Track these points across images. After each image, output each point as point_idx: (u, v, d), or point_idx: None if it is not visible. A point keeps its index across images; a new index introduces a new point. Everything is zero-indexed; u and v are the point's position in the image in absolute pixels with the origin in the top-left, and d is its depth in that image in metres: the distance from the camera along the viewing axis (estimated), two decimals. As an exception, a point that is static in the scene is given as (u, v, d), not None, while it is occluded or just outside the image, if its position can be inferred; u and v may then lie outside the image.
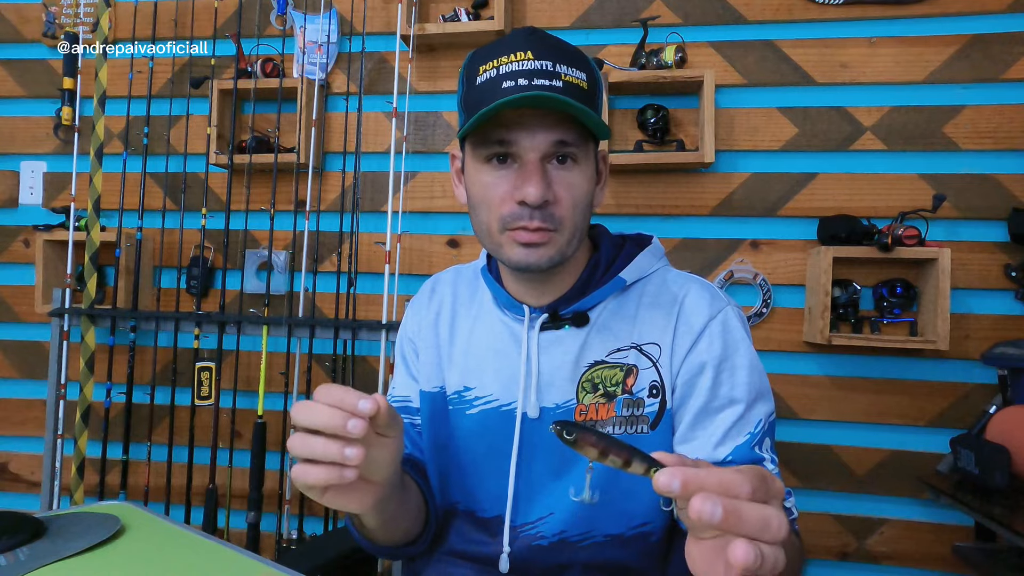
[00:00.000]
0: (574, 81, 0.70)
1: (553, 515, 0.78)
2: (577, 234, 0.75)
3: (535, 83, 0.69)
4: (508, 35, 0.75)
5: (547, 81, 0.69)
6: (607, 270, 0.82)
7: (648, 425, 0.77)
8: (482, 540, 0.83)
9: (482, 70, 0.72)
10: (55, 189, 2.10)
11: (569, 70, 0.71)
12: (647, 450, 0.45)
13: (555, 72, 0.70)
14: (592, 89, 0.73)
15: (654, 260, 0.84)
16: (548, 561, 0.79)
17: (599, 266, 0.82)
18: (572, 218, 0.74)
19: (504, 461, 0.80)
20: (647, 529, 0.79)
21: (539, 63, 0.70)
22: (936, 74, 1.72)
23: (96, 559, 0.67)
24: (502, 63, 0.71)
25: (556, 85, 0.69)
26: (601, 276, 0.81)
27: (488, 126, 0.72)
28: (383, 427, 0.57)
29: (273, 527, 1.91)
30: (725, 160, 1.80)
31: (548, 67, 0.70)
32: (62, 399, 1.88)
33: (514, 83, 0.69)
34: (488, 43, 0.76)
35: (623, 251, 0.84)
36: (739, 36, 1.80)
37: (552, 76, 0.69)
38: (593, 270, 0.81)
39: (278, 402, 1.83)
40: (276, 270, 1.92)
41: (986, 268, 1.69)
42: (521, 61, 0.70)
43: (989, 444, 1.39)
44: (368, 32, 1.91)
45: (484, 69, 0.72)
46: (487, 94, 0.70)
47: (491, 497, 0.82)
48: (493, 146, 0.72)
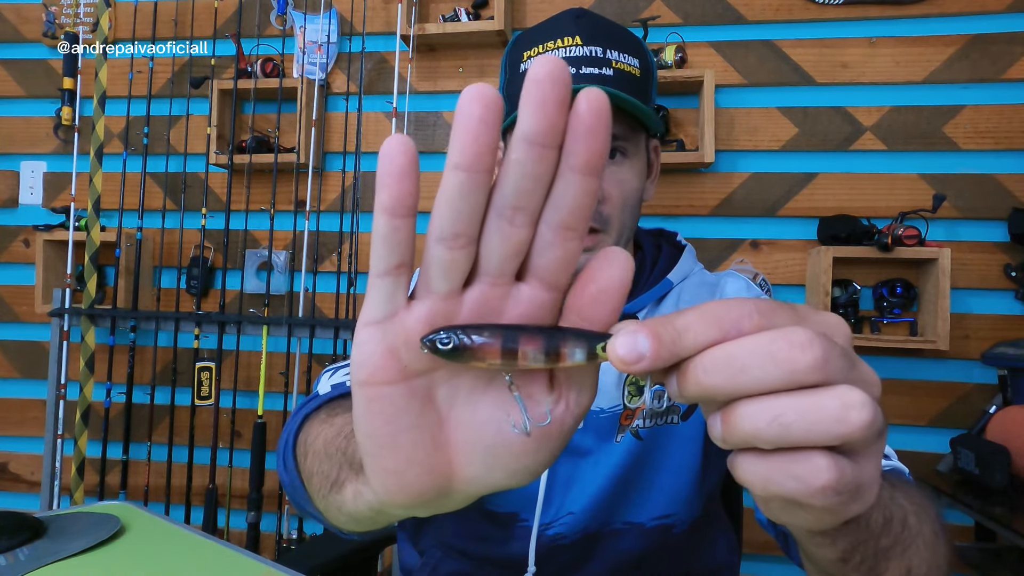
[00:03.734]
0: (626, 69, 0.66)
1: (572, 515, 0.75)
2: (625, 233, 0.72)
3: (583, 72, 0.65)
4: (555, 17, 0.70)
5: (596, 70, 0.65)
6: (651, 271, 0.79)
7: (679, 416, 0.74)
8: (493, 537, 0.77)
9: (526, 56, 0.69)
10: (55, 189, 2.10)
11: (621, 56, 0.66)
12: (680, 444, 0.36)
13: (605, 59, 0.65)
14: (645, 76, 0.69)
15: (694, 262, 0.83)
16: (568, 557, 0.75)
17: (645, 267, 0.79)
18: (620, 216, 0.70)
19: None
20: (669, 521, 0.75)
21: (588, 49, 0.65)
22: (936, 74, 1.72)
23: (96, 559, 0.67)
24: (548, 49, 0.67)
25: (606, 74, 0.65)
26: (647, 278, 0.78)
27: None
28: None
29: (273, 527, 1.91)
30: (725, 160, 1.80)
31: (598, 54, 0.65)
32: (62, 399, 1.88)
33: None
34: (534, 25, 0.71)
35: (662, 252, 0.81)
36: (739, 36, 1.80)
37: (602, 64, 0.65)
38: (639, 272, 0.78)
39: (278, 402, 1.83)
40: (276, 270, 1.92)
41: (986, 268, 1.69)
42: (569, 47, 0.66)
43: (989, 444, 1.39)
44: (368, 32, 1.91)
45: (528, 56, 0.68)
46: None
47: (509, 491, 0.74)
48: None
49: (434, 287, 0.27)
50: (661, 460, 0.75)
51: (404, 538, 0.87)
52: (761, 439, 0.25)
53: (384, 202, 0.26)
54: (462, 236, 0.26)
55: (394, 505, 0.30)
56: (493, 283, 0.28)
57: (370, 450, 0.29)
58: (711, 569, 0.80)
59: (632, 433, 0.75)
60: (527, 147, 0.24)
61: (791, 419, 0.24)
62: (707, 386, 0.25)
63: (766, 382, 0.24)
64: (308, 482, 0.49)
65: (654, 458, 0.75)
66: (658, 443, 0.75)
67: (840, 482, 0.25)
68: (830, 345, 0.25)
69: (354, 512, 0.38)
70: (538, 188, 0.26)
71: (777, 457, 0.25)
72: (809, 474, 0.25)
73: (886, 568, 0.39)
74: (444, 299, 0.28)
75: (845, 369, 0.25)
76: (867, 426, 0.24)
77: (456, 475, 0.30)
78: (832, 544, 0.36)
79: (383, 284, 0.28)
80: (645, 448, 0.74)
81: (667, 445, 0.75)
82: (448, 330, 0.27)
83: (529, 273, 0.28)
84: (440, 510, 0.32)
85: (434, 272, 0.27)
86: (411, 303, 0.28)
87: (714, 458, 0.78)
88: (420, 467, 0.29)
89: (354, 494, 0.37)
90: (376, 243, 0.27)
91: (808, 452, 0.25)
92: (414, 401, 0.29)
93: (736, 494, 0.98)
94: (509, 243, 0.26)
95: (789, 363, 0.24)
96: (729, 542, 0.83)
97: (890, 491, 0.40)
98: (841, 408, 0.24)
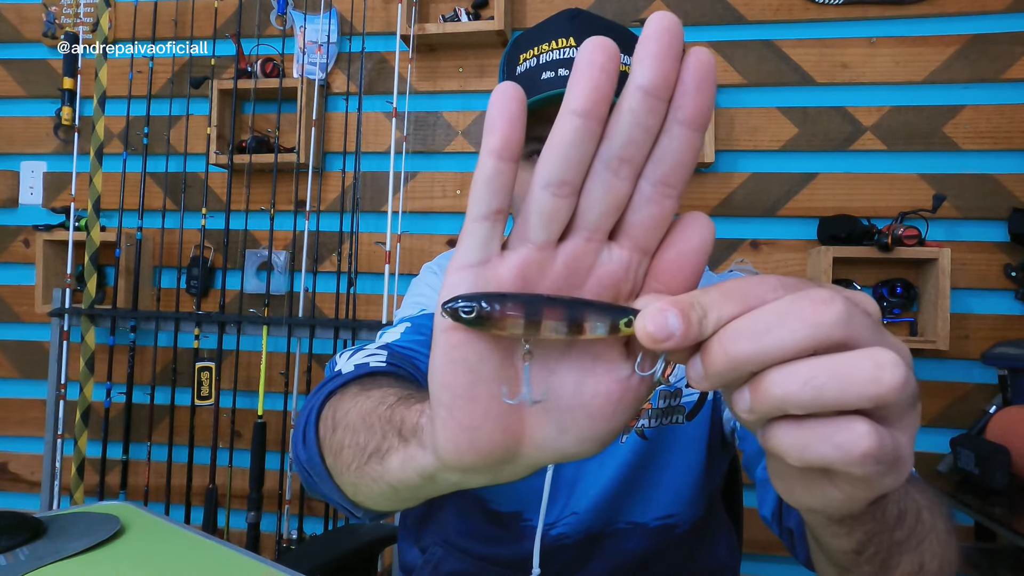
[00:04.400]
0: (622, 69, 0.65)
1: (576, 515, 0.75)
2: None
3: None
4: (551, 18, 0.69)
5: None
6: None
7: (684, 416, 0.74)
8: (495, 536, 0.76)
9: (522, 59, 0.68)
10: (55, 189, 2.10)
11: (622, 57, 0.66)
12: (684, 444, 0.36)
13: None
14: None
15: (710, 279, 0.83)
16: (571, 557, 0.75)
17: None
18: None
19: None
20: (672, 521, 0.75)
21: None
22: (936, 74, 1.72)
23: (96, 559, 0.67)
24: (543, 51, 0.66)
25: None
26: None
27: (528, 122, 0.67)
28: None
29: (273, 527, 1.91)
30: (725, 160, 1.80)
31: None
32: (62, 399, 1.88)
33: (554, 74, 0.65)
34: (532, 27, 0.70)
35: None
36: (739, 36, 1.80)
37: None
38: None
39: (278, 402, 1.83)
40: (276, 270, 1.92)
41: (986, 268, 1.69)
42: (563, 49, 0.66)
43: (989, 444, 1.39)
44: (368, 32, 1.91)
45: (524, 58, 0.68)
46: (526, 86, 0.66)
47: (511, 490, 0.75)
48: (532, 143, 0.67)
49: (532, 235, 0.28)
50: (666, 460, 0.75)
51: (405, 536, 0.87)
52: (793, 403, 0.24)
53: (493, 144, 0.26)
54: (568, 184, 0.26)
55: (457, 466, 0.30)
56: (589, 238, 0.28)
57: (446, 401, 0.29)
58: (712, 569, 0.80)
59: (637, 433, 0.75)
60: (642, 97, 0.25)
61: (823, 380, 0.24)
62: (734, 355, 0.25)
63: (792, 341, 0.24)
64: (335, 457, 0.47)
65: (659, 458, 0.75)
66: (663, 443, 0.75)
67: (881, 450, 0.24)
68: (852, 304, 0.25)
69: (400, 480, 0.37)
70: (646, 140, 0.26)
71: (815, 423, 0.25)
72: (850, 441, 0.24)
73: (899, 561, 0.39)
74: (539, 249, 0.28)
75: (871, 330, 0.25)
76: (901, 387, 0.24)
77: (526, 437, 0.30)
78: (848, 535, 0.36)
79: (480, 228, 0.28)
80: (650, 448, 0.74)
81: (672, 445, 0.75)
82: (470, 298, 0.27)
83: (622, 233, 0.28)
84: (498, 479, 0.31)
85: (534, 220, 0.27)
86: (504, 252, 0.29)
87: (717, 458, 0.78)
88: (494, 423, 0.29)
89: (402, 461, 0.36)
90: (478, 186, 0.27)
91: (848, 418, 0.24)
92: (495, 353, 0.29)
93: (737, 495, 0.98)
94: (611, 195, 0.27)
95: (813, 317, 0.24)
96: (730, 543, 0.83)
97: (904, 485, 0.40)
98: (874, 368, 0.24)
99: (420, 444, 0.34)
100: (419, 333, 0.70)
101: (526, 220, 0.28)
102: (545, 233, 0.27)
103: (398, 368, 0.60)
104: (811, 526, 0.39)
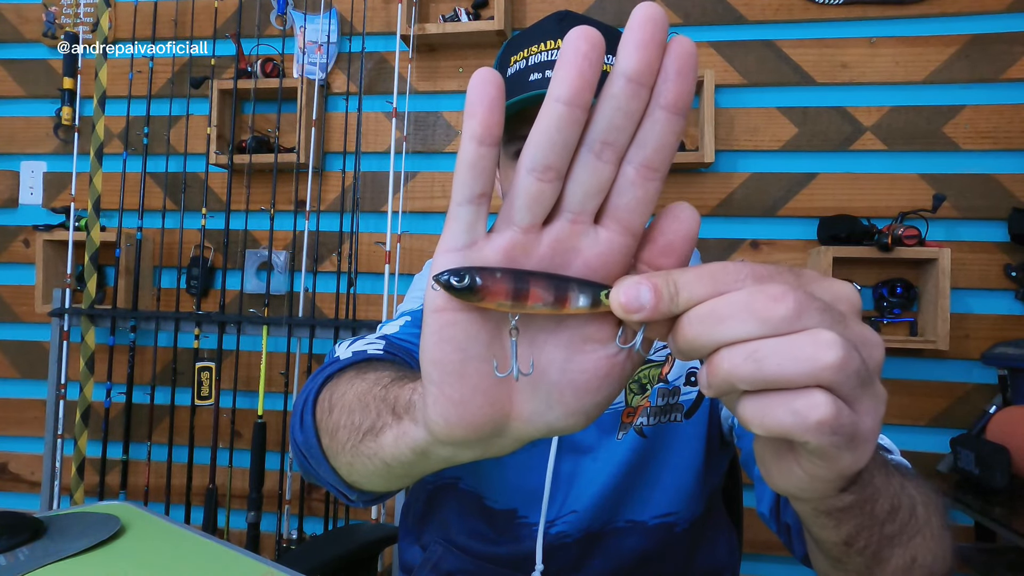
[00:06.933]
0: (604, 68, 0.65)
1: (575, 513, 0.74)
2: None
3: None
4: (541, 21, 0.70)
5: None
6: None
7: (682, 414, 0.74)
8: (492, 534, 0.76)
9: (513, 60, 0.69)
10: (55, 189, 2.10)
11: (606, 58, 0.65)
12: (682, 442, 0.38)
13: None
14: None
15: (697, 261, 0.82)
16: (571, 555, 0.75)
17: None
18: None
19: (528, 455, 0.74)
20: (671, 520, 0.75)
21: None
22: (936, 74, 1.72)
23: (96, 559, 0.67)
24: (532, 53, 0.67)
25: None
26: None
27: (515, 121, 0.68)
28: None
29: (273, 527, 1.91)
30: (725, 160, 1.80)
31: None
32: (62, 399, 1.88)
33: (541, 75, 0.65)
34: (526, 29, 0.71)
35: None
36: (739, 36, 1.80)
37: None
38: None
39: (278, 402, 1.83)
40: (276, 270, 1.92)
41: (986, 268, 1.69)
42: (550, 51, 0.66)
43: (989, 444, 1.39)
44: (368, 32, 1.91)
45: (515, 60, 0.69)
46: (515, 88, 0.66)
47: (508, 488, 0.74)
48: (519, 142, 0.69)
49: (517, 219, 0.28)
50: (664, 458, 0.75)
51: (406, 535, 0.87)
52: (738, 376, 0.26)
53: (474, 129, 0.27)
54: (552, 169, 0.27)
55: (448, 439, 0.31)
56: (574, 220, 0.29)
57: (437, 378, 0.30)
58: (712, 569, 0.80)
59: (636, 430, 0.75)
60: (625, 83, 0.26)
61: (764, 354, 0.25)
62: (690, 337, 0.27)
63: (742, 332, 0.26)
64: (331, 437, 0.48)
65: (657, 456, 0.75)
66: (662, 441, 0.75)
67: (837, 420, 0.26)
68: (808, 299, 0.26)
69: (393, 456, 0.38)
70: (629, 125, 0.27)
71: (777, 393, 0.26)
72: (806, 407, 0.25)
73: (891, 555, 0.40)
74: (524, 232, 0.29)
75: (827, 322, 0.26)
76: (839, 364, 0.25)
77: (515, 411, 0.31)
78: (837, 527, 0.37)
79: (465, 212, 0.28)
80: (649, 446, 0.74)
81: (671, 443, 0.75)
82: (461, 270, 0.28)
83: (607, 215, 0.29)
84: (488, 453, 0.33)
85: (519, 203, 0.28)
86: (490, 235, 0.29)
87: (715, 457, 0.78)
88: (483, 397, 0.30)
89: (396, 437, 0.37)
90: (461, 171, 0.28)
91: (807, 389, 0.26)
92: (484, 331, 0.30)
93: (737, 494, 0.98)
94: (595, 178, 0.27)
95: (764, 312, 0.25)
96: (730, 542, 0.83)
97: (900, 480, 0.41)
98: (812, 345, 0.25)
99: (413, 420, 0.36)
100: (418, 327, 0.70)
101: (511, 204, 0.28)
102: (530, 216, 0.28)
103: (395, 356, 0.61)
104: (802, 518, 0.40)
